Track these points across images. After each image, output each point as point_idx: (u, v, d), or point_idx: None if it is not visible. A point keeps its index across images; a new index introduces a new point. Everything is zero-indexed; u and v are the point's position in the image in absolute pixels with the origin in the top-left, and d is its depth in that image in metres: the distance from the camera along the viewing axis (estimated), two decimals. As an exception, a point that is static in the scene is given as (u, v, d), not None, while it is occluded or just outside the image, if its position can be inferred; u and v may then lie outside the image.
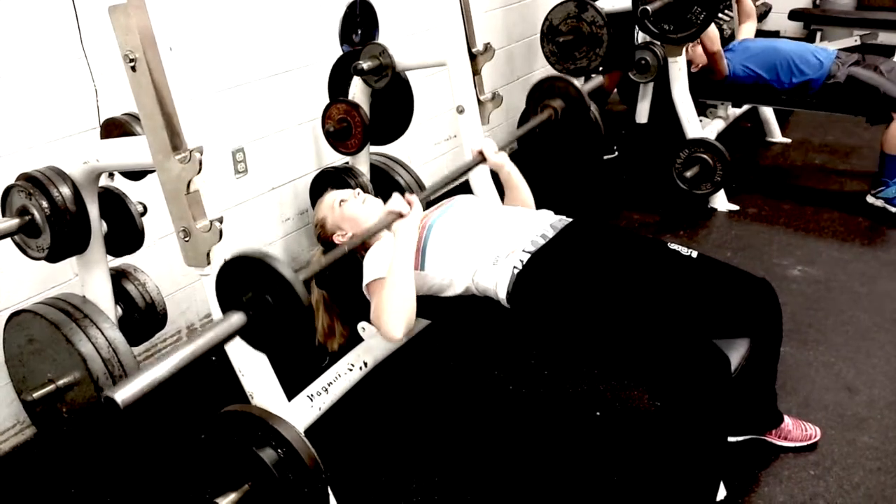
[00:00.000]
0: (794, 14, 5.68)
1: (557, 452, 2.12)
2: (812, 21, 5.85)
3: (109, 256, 2.04)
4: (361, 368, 2.05)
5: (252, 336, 1.47)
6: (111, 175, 2.09)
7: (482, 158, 2.20)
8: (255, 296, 1.42)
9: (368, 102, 2.73)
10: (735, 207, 3.60)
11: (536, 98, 2.52)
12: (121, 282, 2.09)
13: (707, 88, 3.77)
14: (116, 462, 2.12)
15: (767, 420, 2.06)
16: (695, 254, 1.87)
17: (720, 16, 4.10)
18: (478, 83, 2.52)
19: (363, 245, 2.06)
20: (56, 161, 1.86)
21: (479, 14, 3.71)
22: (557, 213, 2.04)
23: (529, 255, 1.84)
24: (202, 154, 1.59)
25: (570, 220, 1.97)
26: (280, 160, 2.91)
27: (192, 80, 2.51)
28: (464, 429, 2.25)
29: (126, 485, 2.08)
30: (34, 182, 1.79)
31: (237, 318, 1.42)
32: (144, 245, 2.38)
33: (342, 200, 2.21)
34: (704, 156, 3.47)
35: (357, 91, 2.70)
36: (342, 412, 2.01)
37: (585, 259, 1.83)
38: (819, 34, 5.89)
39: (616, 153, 4.42)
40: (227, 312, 1.43)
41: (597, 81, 2.68)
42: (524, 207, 2.20)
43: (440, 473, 2.09)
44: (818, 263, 3.07)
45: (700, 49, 3.57)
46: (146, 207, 2.06)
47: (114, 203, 1.99)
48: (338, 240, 2.18)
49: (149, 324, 2.14)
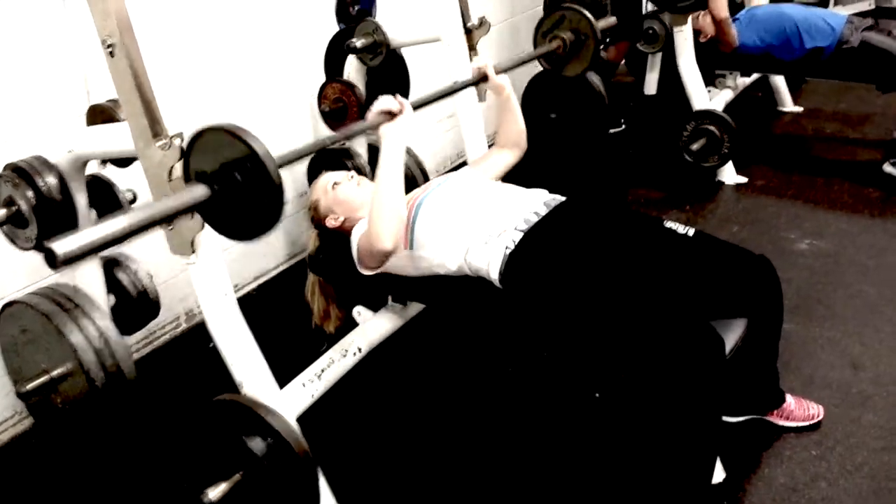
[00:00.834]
0: (808, -22, 5.54)
1: (555, 435, 2.10)
2: (826, -16, 5.72)
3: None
4: (355, 354, 2.04)
5: (215, 214, 1.41)
6: (104, 162, 2.07)
7: (483, 76, 2.11)
8: (222, 170, 1.36)
9: (364, 81, 2.69)
10: (743, 180, 3.54)
11: (545, 30, 2.48)
12: (112, 270, 2.08)
13: (716, 58, 3.69)
14: (110, 452, 2.12)
15: (768, 400, 2.02)
16: (691, 231, 1.82)
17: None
18: (474, 59, 2.46)
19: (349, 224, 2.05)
20: (46, 149, 1.84)
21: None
22: (561, 191, 1.98)
23: (522, 235, 1.80)
24: (183, 140, 1.56)
25: (564, 199, 1.93)
26: (275, 141, 2.84)
27: (179, 59, 2.48)
28: (461, 413, 2.23)
29: (119, 475, 2.08)
30: (19, 172, 1.77)
31: (200, 191, 1.35)
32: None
33: (335, 183, 2.18)
34: (711, 128, 3.39)
35: (352, 70, 2.66)
36: (338, 398, 2.00)
37: (578, 238, 1.79)
38: (833, -2, 5.76)
39: (623, 126, 4.35)
40: (190, 183, 1.37)
41: (610, 20, 2.59)
42: (515, 145, 2.19)
43: (437, 459, 2.08)
44: (827, 236, 3.01)
45: (709, 18, 3.48)
46: (136, 195, 2.04)
47: (102, 191, 1.97)
48: (330, 223, 2.15)
49: (142, 312, 2.13)
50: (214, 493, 1.64)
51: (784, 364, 2.13)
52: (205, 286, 1.70)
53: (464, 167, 2.25)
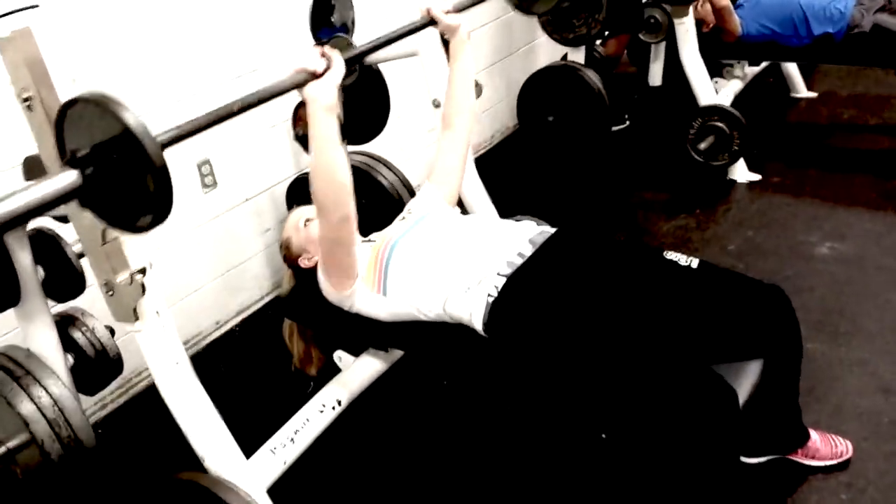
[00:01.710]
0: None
1: (562, 479, 1.92)
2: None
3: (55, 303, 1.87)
4: (335, 408, 1.87)
5: (92, 201, 1.18)
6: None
7: (430, 20, 1.82)
8: (96, 150, 1.13)
9: (340, 100, 2.49)
10: (756, 177, 3.32)
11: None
12: (67, 329, 1.92)
13: (720, 48, 3.47)
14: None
15: (790, 439, 1.83)
16: (695, 263, 1.63)
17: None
18: None
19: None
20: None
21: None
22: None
23: (505, 280, 1.61)
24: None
25: (553, 232, 1.74)
26: (253, 168, 2.71)
27: (139, 92, 2.32)
28: (455, 469, 2.05)
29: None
30: (-52, 236, 1.61)
31: (69, 178, 1.13)
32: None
33: (307, 220, 2.01)
34: (719, 124, 3.18)
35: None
36: (317, 455, 1.83)
37: (568, 281, 1.60)
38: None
39: (627, 123, 4.13)
40: (60, 168, 1.14)
41: None
42: (462, 115, 1.94)
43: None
44: (849, 238, 2.79)
45: (709, 6, 3.26)
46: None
47: (47, 246, 1.80)
48: (303, 263, 1.99)
49: (103, 371, 1.96)
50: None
51: (807, 391, 1.94)
52: (154, 356, 1.54)
53: (426, 185, 2.04)
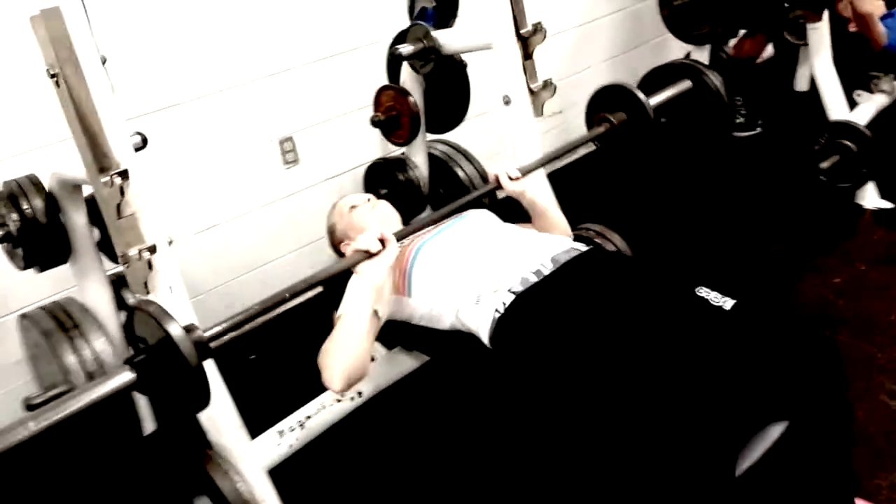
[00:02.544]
0: None
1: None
2: None
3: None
4: (353, 399, 1.86)
5: (148, 391, 1.33)
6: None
7: (497, 185, 1.86)
8: (149, 350, 1.29)
9: (421, 89, 2.47)
10: (888, 205, 2.97)
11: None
12: (121, 290, 2.03)
13: (866, 57, 3.11)
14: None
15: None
16: (729, 304, 1.46)
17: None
18: (528, 69, 2.17)
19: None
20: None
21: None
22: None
23: (514, 297, 1.53)
24: (126, 179, 1.44)
25: (580, 252, 1.63)
26: (337, 149, 2.75)
27: (231, 67, 2.41)
28: (456, 477, 1.98)
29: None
30: (8, 193, 1.74)
31: (124, 377, 1.28)
32: (184, 237, 2.36)
33: (352, 206, 2.02)
34: (846, 143, 2.87)
35: (406, 77, 2.45)
36: (329, 445, 1.84)
37: (578, 310, 1.48)
38: None
39: (759, 129, 3.82)
40: (118, 368, 1.30)
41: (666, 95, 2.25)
42: (548, 233, 1.89)
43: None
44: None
45: (850, 10, 2.93)
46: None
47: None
48: (344, 249, 1.99)
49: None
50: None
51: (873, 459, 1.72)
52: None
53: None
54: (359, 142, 2.77)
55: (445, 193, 2.65)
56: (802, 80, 3.88)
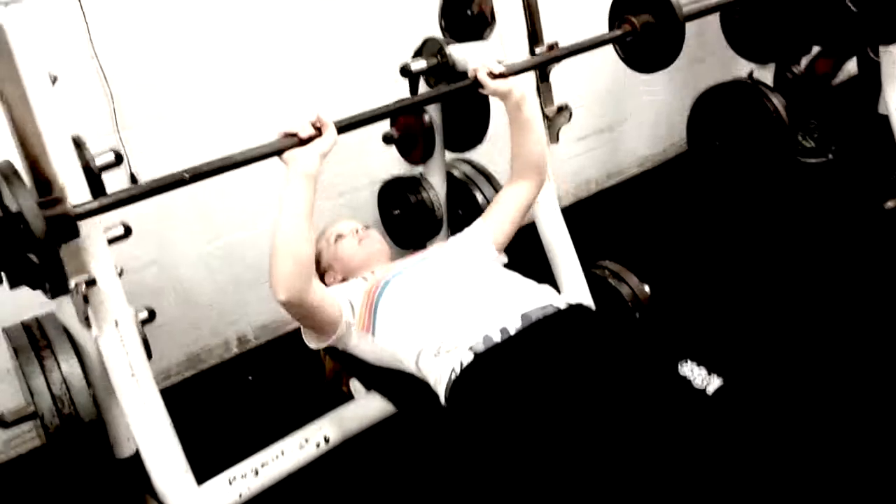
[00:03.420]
0: None
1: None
2: None
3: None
4: (319, 445, 1.73)
5: None
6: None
7: (474, 83, 1.64)
8: None
9: (439, 105, 2.31)
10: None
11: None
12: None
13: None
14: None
15: None
16: (713, 386, 1.25)
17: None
18: (543, 92, 2.00)
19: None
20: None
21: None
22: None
23: (472, 358, 1.37)
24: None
25: (554, 311, 1.44)
26: (354, 163, 2.62)
27: (233, 75, 2.32)
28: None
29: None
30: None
31: None
32: (182, 253, 2.32)
33: (339, 236, 1.89)
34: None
35: (423, 92, 2.30)
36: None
37: (535, 385, 1.29)
38: None
39: (831, 156, 3.49)
40: None
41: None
42: (531, 170, 1.76)
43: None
44: None
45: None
46: (128, 229, 1.89)
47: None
48: (328, 281, 1.86)
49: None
50: None
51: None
52: (112, 364, 1.53)
53: (477, 222, 1.83)
54: (379, 157, 2.63)
55: (464, 216, 2.49)
56: (891, 104, 3.52)
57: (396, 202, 2.49)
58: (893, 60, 2.65)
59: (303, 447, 1.71)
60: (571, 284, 2.07)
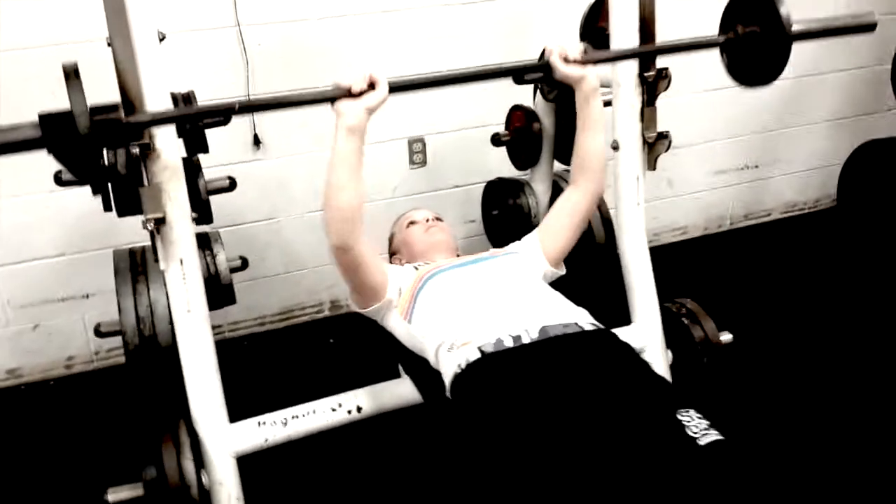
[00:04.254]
0: None
1: None
2: None
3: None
4: (350, 412, 1.81)
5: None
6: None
7: (547, 66, 1.56)
8: None
9: (552, 114, 2.32)
10: None
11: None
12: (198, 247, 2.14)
13: None
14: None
15: None
16: (710, 438, 1.19)
17: None
18: (647, 116, 1.94)
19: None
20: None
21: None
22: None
23: (479, 356, 1.39)
24: (149, 151, 1.52)
25: (576, 332, 1.42)
26: (467, 159, 2.68)
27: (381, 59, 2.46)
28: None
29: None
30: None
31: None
32: (295, 215, 2.50)
33: (411, 222, 1.96)
34: None
35: (538, 100, 2.31)
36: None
37: (532, 398, 1.28)
38: None
39: None
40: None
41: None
42: (587, 173, 1.72)
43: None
44: None
45: None
46: (233, 182, 2.06)
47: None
48: (394, 262, 1.94)
49: (214, 293, 2.16)
50: (113, 496, 1.64)
51: None
52: (173, 299, 1.68)
53: (533, 232, 1.85)
54: (497, 157, 2.67)
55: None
56: None
57: (497, 202, 2.52)
58: None
59: (335, 410, 1.79)
60: (643, 315, 2.01)
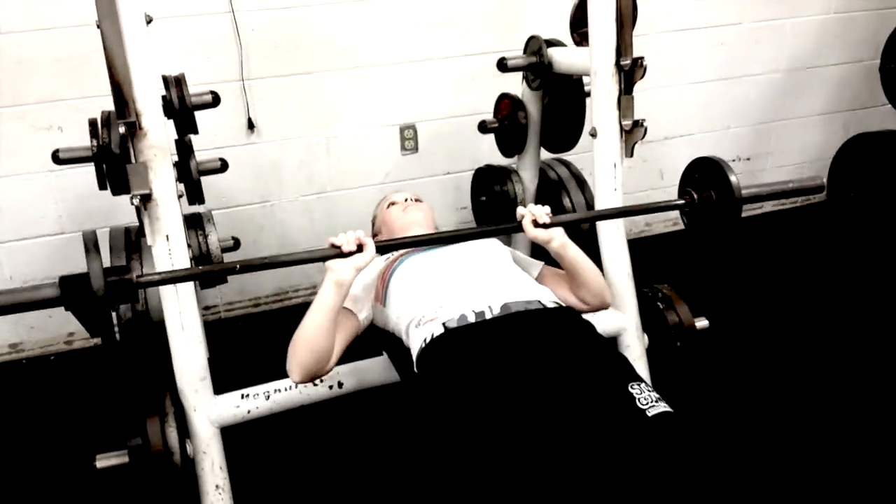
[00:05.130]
0: None
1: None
2: None
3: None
4: (332, 388, 1.88)
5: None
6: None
7: (518, 226, 1.67)
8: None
9: (539, 103, 2.37)
10: None
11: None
12: (190, 227, 2.21)
13: None
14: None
15: None
16: (656, 410, 1.24)
17: None
18: (623, 104, 1.99)
19: None
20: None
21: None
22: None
23: (442, 331, 1.45)
24: (136, 129, 1.59)
25: (536, 308, 1.48)
26: (459, 147, 2.73)
27: (371, 48, 2.52)
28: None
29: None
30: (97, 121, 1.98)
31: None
32: (288, 198, 2.55)
33: (391, 203, 2.03)
34: None
35: (523, 88, 2.37)
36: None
37: (491, 370, 1.35)
38: None
39: None
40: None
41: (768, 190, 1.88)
42: (591, 302, 1.74)
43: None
44: None
45: None
46: (224, 163, 2.13)
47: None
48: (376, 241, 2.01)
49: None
50: (101, 463, 1.72)
51: None
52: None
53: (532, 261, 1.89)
54: (483, 144, 2.73)
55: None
56: None
57: (484, 189, 2.58)
58: None
59: (316, 385, 1.86)
60: (620, 299, 2.06)
